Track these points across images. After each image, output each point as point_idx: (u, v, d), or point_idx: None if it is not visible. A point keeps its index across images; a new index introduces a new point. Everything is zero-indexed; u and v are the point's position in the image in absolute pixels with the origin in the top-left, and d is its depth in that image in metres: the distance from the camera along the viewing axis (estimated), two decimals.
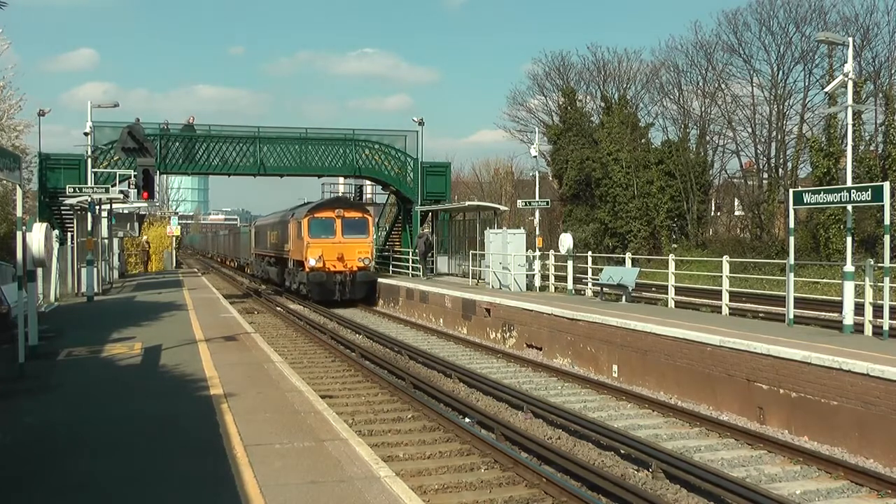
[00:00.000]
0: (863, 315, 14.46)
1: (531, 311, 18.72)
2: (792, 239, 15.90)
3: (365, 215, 30.83)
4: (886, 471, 9.35)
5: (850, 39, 15.92)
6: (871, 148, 35.46)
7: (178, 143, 33.12)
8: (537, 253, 25.88)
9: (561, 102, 50.60)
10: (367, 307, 29.53)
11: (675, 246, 40.51)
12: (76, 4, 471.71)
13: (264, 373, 12.00)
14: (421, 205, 34.67)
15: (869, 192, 13.82)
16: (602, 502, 8.06)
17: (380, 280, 31.13)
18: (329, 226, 29.64)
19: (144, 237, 52.02)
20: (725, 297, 18.36)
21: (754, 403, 11.78)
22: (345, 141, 34.68)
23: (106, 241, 31.12)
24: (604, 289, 21.61)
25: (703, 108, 43.58)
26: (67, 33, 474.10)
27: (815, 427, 10.75)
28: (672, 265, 21.09)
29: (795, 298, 15.68)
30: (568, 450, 9.85)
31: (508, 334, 19.91)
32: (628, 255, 24.67)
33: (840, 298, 15.61)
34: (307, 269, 29.03)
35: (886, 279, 14.20)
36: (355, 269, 29.41)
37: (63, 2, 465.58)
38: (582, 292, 24.14)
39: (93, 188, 26.89)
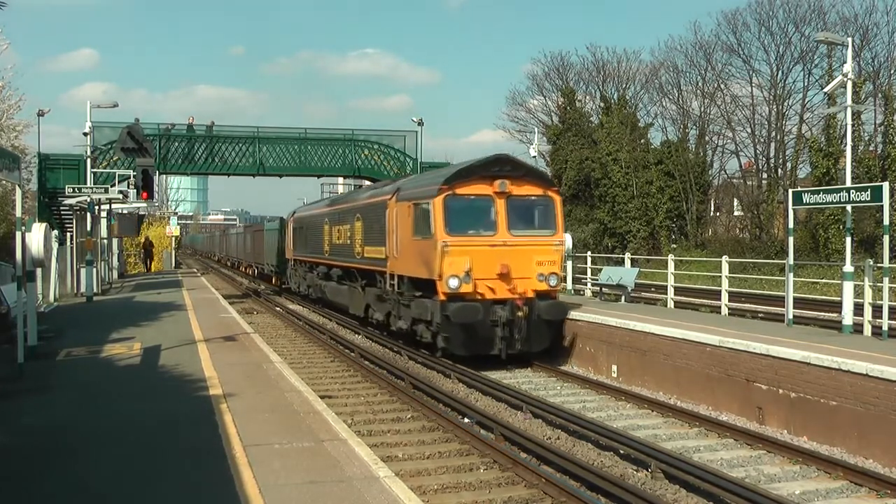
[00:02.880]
0: (862, 315, 14.47)
1: None
2: (791, 239, 15.90)
3: (548, 191, 16.45)
4: (886, 471, 9.35)
5: (850, 40, 15.94)
6: (871, 148, 35.47)
7: (177, 144, 33.09)
8: None
9: (560, 102, 50.57)
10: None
11: (675, 246, 40.50)
12: (76, 4, 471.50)
13: (263, 373, 12.00)
14: None
15: (868, 193, 13.83)
16: (601, 502, 8.06)
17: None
18: (482, 211, 15.85)
19: (147, 236, 51.84)
20: (724, 297, 18.37)
21: (753, 403, 11.79)
22: (344, 141, 34.66)
23: (105, 241, 31.11)
24: (603, 289, 21.61)
25: (702, 109, 43.59)
26: (67, 33, 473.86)
27: (814, 427, 10.75)
28: (671, 265, 21.10)
29: (795, 298, 15.70)
30: (567, 450, 9.85)
31: None
32: (627, 255, 24.69)
33: (839, 299, 15.62)
34: (442, 296, 15.24)
35: (886, 279, 14.21)
36: (532, 294, 15.66)
37: (63, 2, 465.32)
38: (581, 292, 24.14)
39: (92, 188, 26.89)
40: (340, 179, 44.73)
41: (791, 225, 15.91)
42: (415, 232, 16.25)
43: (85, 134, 29.40)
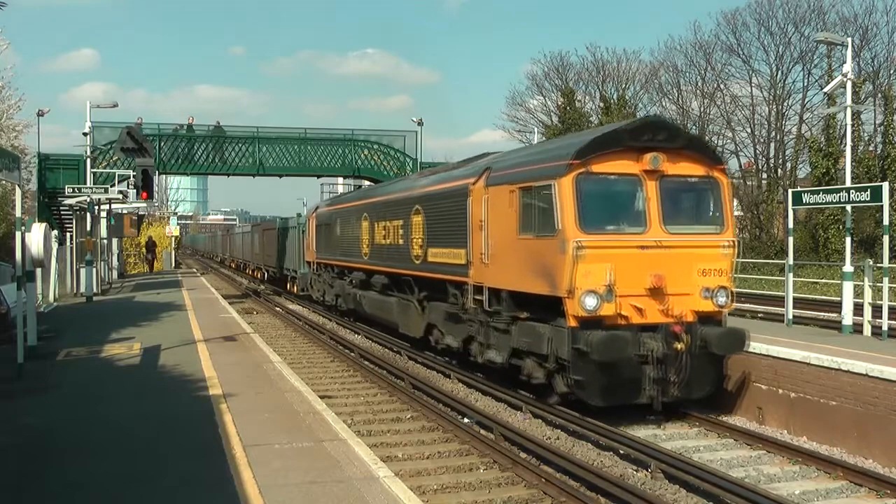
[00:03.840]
0: (862, 315, 14.47)
1: None
2: (791, 239, 15.93)
3: (713, 169, 11.82)
4: (885, 471, 9.35)
5: (849, 40, 15.96)
6: (870, 148, 35.52)
7: (177, 144, 33.08)
8: None
9: (560, 103, 50.58)
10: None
11: None
12: (76, 4, 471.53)
13: (263, 373, 12.00)
14: None
15: (868, 193, 13.84)
16: (601, 502, 8.06)
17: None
18: (627, 197, 11.46)
19: (149, 235, 51.75)
20: None
21: (753, 403, 11.78)
22: (344, 141, 34.66)
23: (105, 241, 31.12)
24: None
25: (701, 109, 43.66)
26: (67, 33, 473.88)
27: (813, 427, 10.75)
28: None
29: (794, 298, 15.71)
30: (567, 450, 9.85)
31: None
32: None
33: (839, 299, 15.63)
34: (572, 321, 10.68)
35: (885, 279, 14.23)
36: (692, 316, 11.13)
37: (63, 2, 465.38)
38: None
39: (92, 188, 26.91)
40: (340, 179, 44.73)
41: (791, 225, 15.92)
42: (522, 228, 11.58)
43: (85, 134, 29.42)
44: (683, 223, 11.46)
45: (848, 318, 14.13)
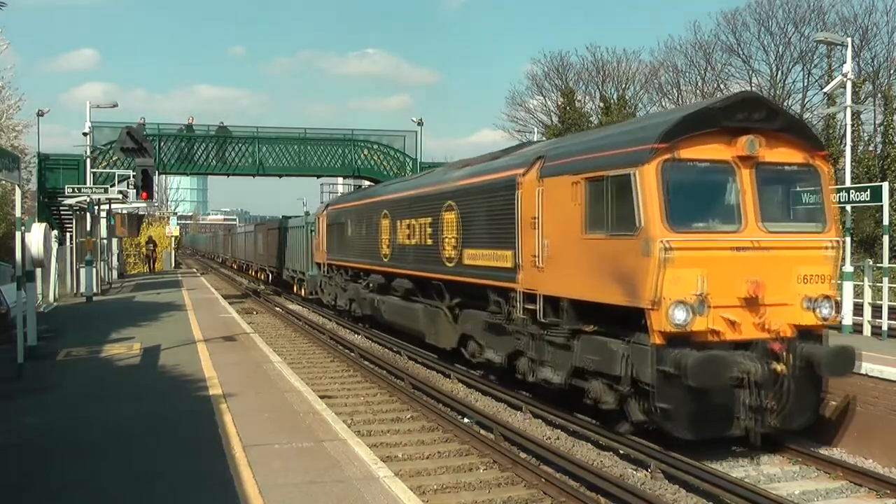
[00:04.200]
0: (861, 315, 14.47)
1: None
2: None
3: (814, 156, 10.04)
4: (885, 471, 9.35)
5: (849, 40, 15.97)
6: (870, 148, 35.53)
7: (177, 144, 33.08)
8: None
9: (560, 103, 50.61)
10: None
11: None
12: (76, 4, 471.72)
13: (263, 373, 12.00)
14: None
15: (868, 193, 13.85)
16: (601, 502, 8.06)
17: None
18: (718, 189, 9.73)
19: (150, 235, 51.67)
20: None
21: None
22: (343, 141, 34.65)
23: (105, 241, 31.12)
24: None
25: None
26: (67, 33, 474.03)
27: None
28: None
29: None
30: (567, 450, 9.85)
31: None
32: None
33: (839, 299, 15.63)
34: (657, 337, 8.95)
35: (885, 279, 14.23)
36: (791, 331, 9.48)
37: (63, 2, 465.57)
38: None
39: (92, 188, 26.92)
40: (340, 179, 44.74)
41: None
42: (590, 225, 9.87)
43: (85, 134, 29.42)
44: (782, 220, 9.79)
45: (848, 318, 14.13)
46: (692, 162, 9.32)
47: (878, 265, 15.82)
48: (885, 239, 14.51)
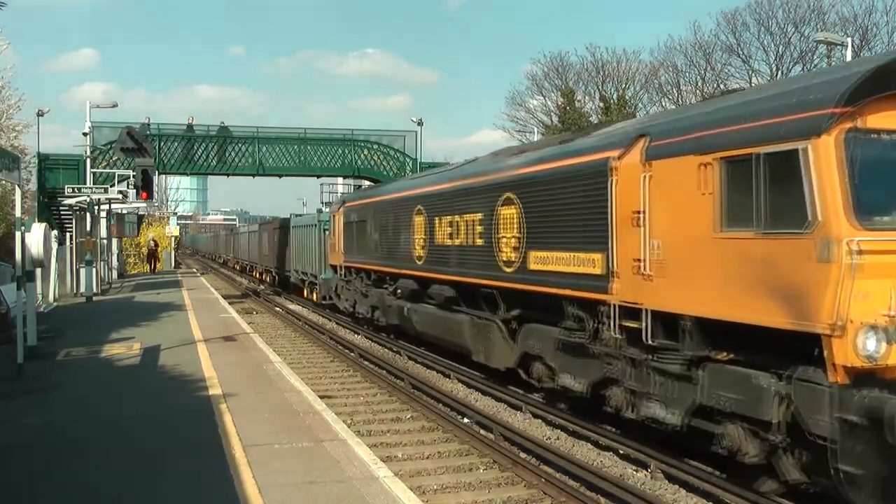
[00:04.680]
0: None
1: None
2: None
3: None
4: None
5: (849, 40, 15.99)
6: None
7: (176, 144, 33.10)
8: None
9: (560, 103, 50.60)
10: None
11: None
12: (76, 4, 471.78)
13: (263, 373, 12.01)
14: None
15: None
16: (601, 502, 8.06)
17: None
18: None
19: (151, 235, 51.59)
20: None
21: None
22: (343, 141, 34.67)
23: (105, 241, 31.13)
24: None
25: None
26: (67, 33, 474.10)
27: None
28: None
29: None
30: (567, 450, 9.85)
31: None
32: None
33: None
34: (840, 374, 6.57)
35: None
36: None
37: (63, 2, 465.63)
38: None
39: (91, 188, 26.93)
40: (340, 179, 44.78)
41: None
42: (729, 220, 7.65)
43: (84, 134, 29.46)
44: None
45: None
46: (885, 133, 6.91)
47: None
48: None
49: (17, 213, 12.89)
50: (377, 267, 18.78)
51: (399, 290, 17.36)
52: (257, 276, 42.96)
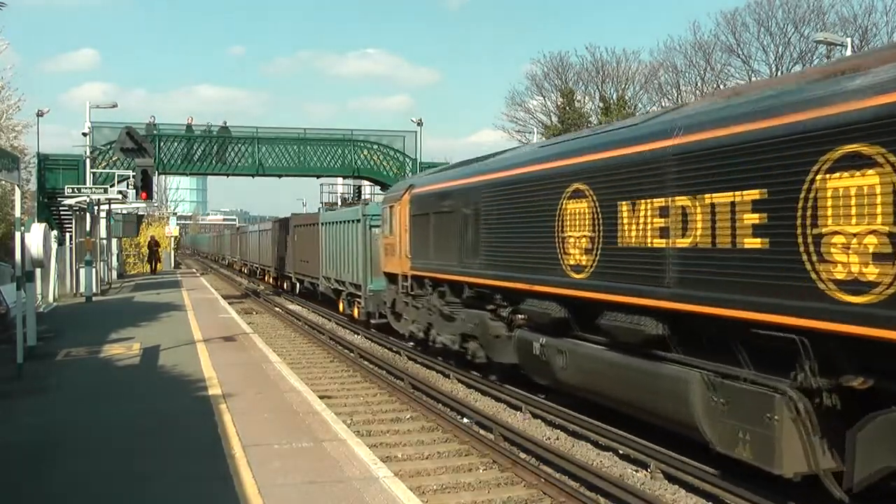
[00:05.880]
0: None
1: None
2: None
3: None
4: None
5: (849, 40, 16.00)
6: None
7: (176, 144, 33.09)
8: None
9: (559, 103, 50.60)
10: None
11: None
12: (76, 4, 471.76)
13: (263, 373, 12.01)
14: None
15: None
16: (601, 502, 8.06)
17: None
18: None
19: (152, 235, 51.54)
20: None
21: None
22: (343, 141, 34.67)
23: (105, 241, 31.13)
24: None
25: None
26: (67, 33, 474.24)
27: None
28: None
29: None
30: (566, 450, 9.85)
31: None
32: None
33: None
34: None
35: None
36: None
37: (63, 2, 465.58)
38: None
39: (91, 189, 26.93)
40: (340, 180, 44.78)
41: None
42: None
43: (84, 134, 29.44)
44: None
45: None
46: None
47: None
48: None
49: (17, 213, 12.88)
50: (479, 279, 12.63)
51: (524, 316, 11.61)
52: (271, 281, 38.23)
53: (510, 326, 12.11)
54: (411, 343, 17.17)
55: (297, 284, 31.24)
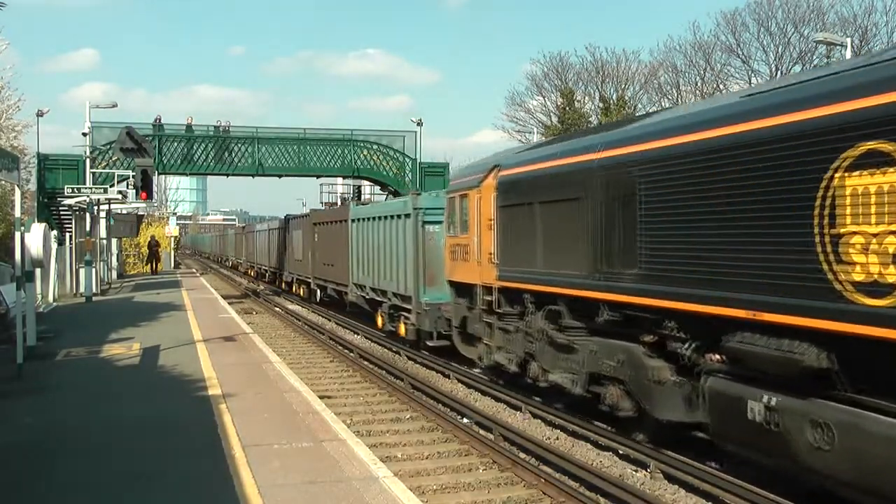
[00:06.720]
0: None
1: None
2: None
3: None
4: None
5: (849, 40, 16.00)
6: None
7: (176, 144, 33.07)
8: None
9: (559, 103, 50.58)
10: None
11: None
12: (76, 4, 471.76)
13: (263, 373, 12.01)
14: None
15: None
16: (601, 502, 8.06)
17: None
18: None
19: (152, 235, 51.46)
20: None
21: None
22: (343, 141, 34.66)
23: (105, 241, 31.12)
24: None
25: None
26: (67, 33, 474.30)
27: None
28: None
29: None
30: (566, 450, 9.85)
31: None
32: None
33: None
34: None
35: None
36: None
37: (63, 2, 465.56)
38: None
39: (91, 189, 26.91)
40: (340, 180, 44.77)
41: None
42: None
43: (84, 134, 29.42)
44: None
45: None
46: None
47: None
48: None
49: (17, 213, 12.88)
50: (636, 298, 8.72)
51: (721, 357, 7.83)
52: (283, 286, 35.03)
53: (689, 370, 8.42)
54: (484, 374, 13.66)
55: (319, 291, 26.69)
